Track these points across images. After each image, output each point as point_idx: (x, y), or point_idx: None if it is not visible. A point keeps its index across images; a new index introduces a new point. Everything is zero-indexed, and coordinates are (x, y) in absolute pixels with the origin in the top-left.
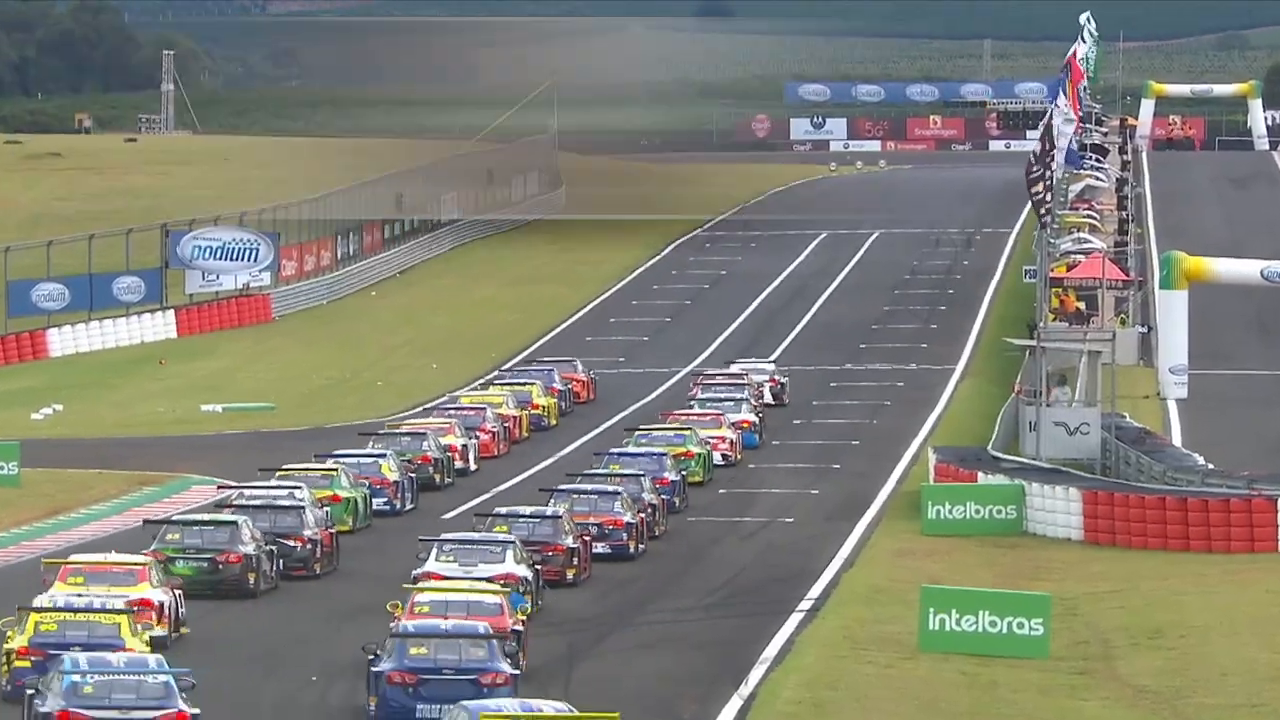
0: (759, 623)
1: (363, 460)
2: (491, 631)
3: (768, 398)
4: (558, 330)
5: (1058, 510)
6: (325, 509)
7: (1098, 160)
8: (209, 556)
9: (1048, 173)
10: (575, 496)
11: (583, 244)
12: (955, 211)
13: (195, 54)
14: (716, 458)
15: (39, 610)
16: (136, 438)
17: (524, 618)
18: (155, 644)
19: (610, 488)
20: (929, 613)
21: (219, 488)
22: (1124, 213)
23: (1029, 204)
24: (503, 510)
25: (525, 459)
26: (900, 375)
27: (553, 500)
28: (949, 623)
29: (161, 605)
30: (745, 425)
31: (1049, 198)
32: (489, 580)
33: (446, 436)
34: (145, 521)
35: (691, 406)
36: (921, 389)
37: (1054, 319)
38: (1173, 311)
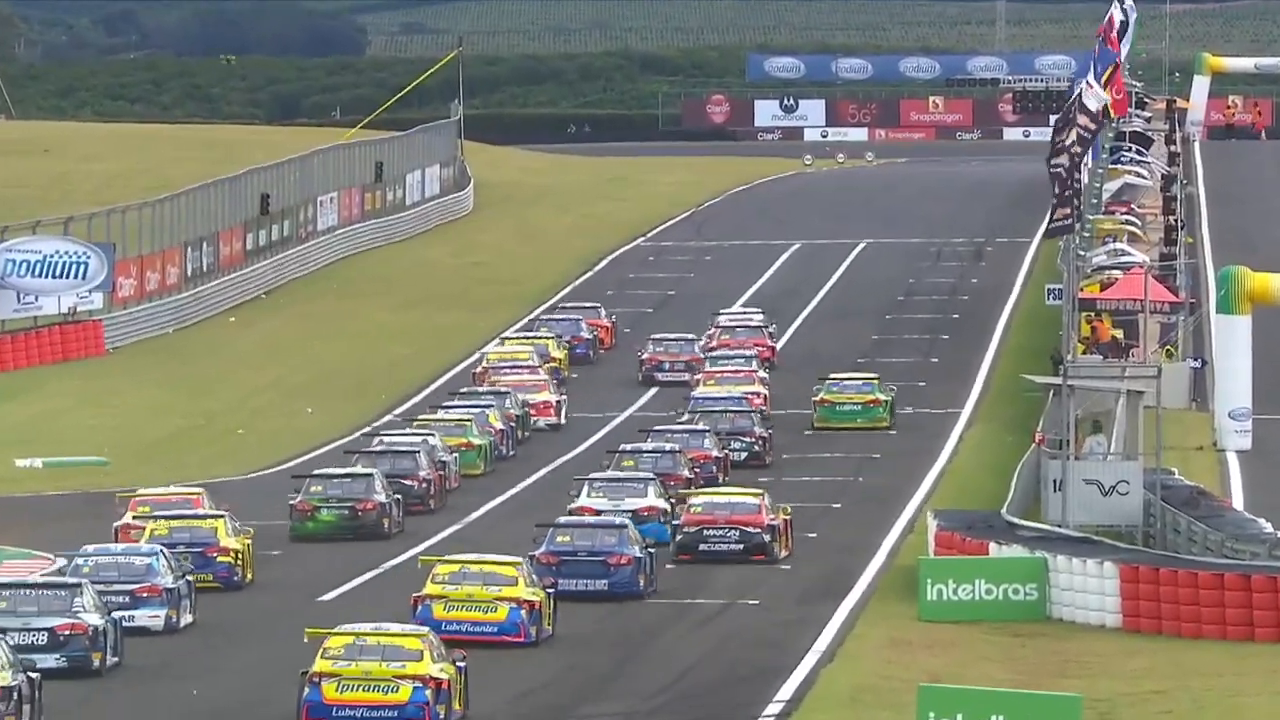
0: None
1: (472, 410)
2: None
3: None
4: (464, 365)
5: (1089, 590)
6: (455, 454)
7: (1139, 152)
8: (349, 505)
9: (1071, 162)
10: (669, 435)
11: (496, 256)
12: (961, 216)
13: (7, 19)
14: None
15: (153, 518)
16: None
17: (786, 517)
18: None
19: (699, 427)
20: (928, 718)
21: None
22: (1172, 218)
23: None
24: (628, 446)
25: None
26: (894, 420)
27: (649, 439)
28: None
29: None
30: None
31: (1076, 200)
32: (633, 513)
33: (540, 393)
34: (292, 475)
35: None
36: (919, 438)
37: (1084, 351)
38: (1233, 342)
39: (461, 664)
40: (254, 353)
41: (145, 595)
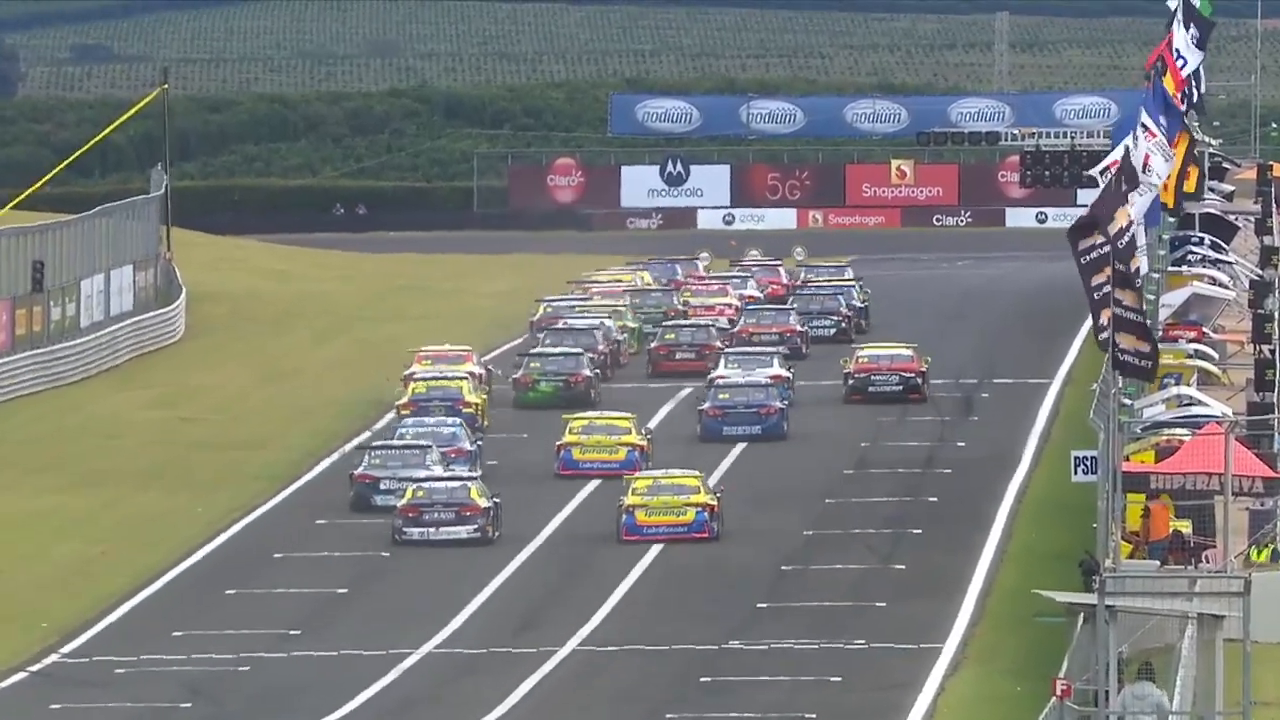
0: None
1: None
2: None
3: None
4: (171, 575)
5: None
6: (625, 332)
7: (1214, 246)
8: (564, 378)
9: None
10: (761, 311)
11: (222, 408)
12: (942, 345)
13: None
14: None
15: (416, 379)
16: None
17: (925, 366)
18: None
19: (779, 307)
20: None
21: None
22: (1266, 348)
23: (1085, 327)
24: (670, 323)
25: None
26: (837, 660)
27: (743, 318)
28: None
29: (480, 375)
30: (750, 299)
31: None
32: (766, 380)
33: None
34: (518, 354)
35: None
36: (878, 687)
37: (1132, 554)
38: None
39: (719, 495)
40: None
41: (455, 455)
